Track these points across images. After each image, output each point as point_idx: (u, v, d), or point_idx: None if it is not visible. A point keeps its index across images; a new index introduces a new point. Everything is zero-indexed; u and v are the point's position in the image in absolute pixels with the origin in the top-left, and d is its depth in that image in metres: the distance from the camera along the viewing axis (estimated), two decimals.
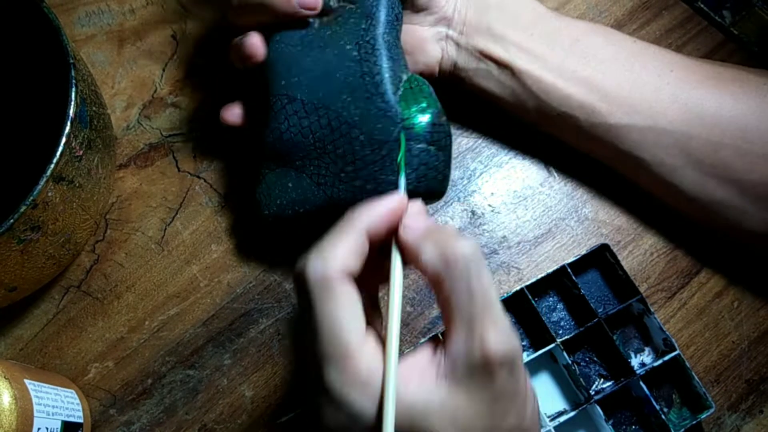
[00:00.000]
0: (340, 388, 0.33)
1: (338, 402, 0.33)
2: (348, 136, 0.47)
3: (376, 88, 0.47)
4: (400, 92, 0.47)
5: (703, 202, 0.51)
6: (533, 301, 0.52)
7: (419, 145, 0.46)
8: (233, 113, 0.53)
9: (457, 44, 0.52)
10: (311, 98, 0.49)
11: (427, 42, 0.53)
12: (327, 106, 0.48)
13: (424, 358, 0.35)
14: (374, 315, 0.39)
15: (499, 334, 0.33)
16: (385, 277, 0.38)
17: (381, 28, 0.48)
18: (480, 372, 0.33)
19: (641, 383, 0.50)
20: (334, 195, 0.48)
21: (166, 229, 0.57)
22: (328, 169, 0.49)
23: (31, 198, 0.41)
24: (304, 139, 0.49)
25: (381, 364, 0.33)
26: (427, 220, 0.38)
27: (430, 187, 0.47)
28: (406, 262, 0.37)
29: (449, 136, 0.47)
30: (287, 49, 0.50)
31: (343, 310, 0.34)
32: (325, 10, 0.49)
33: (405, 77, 0.48)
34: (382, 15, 0.48)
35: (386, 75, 0.47)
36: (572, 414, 0.49)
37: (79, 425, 0.49)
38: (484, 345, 0.33)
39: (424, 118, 0.46)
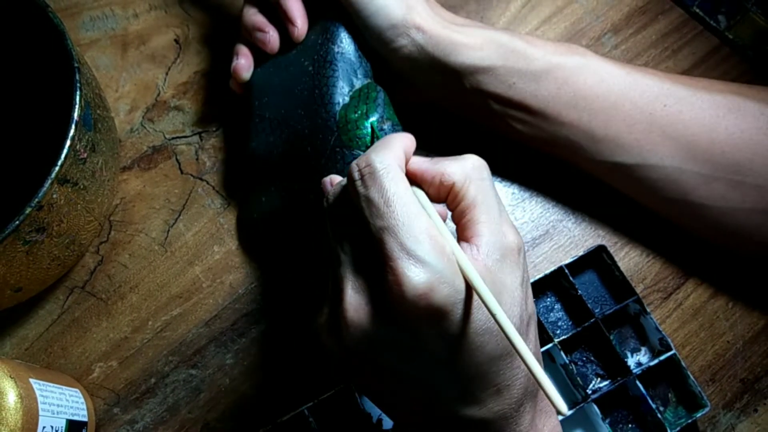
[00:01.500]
0: (425, 250, 0.33)
1: (424, 261, 0.33)
2: (301, 150, 0.49)
3: (321, 100, 0.48)
4: (345, 101, 0.47)
5: (696, 222, 0.52)
6: None
7: (354, 152, 0.46)
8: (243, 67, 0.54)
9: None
10: (276, 116, 0.51)
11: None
12: (287, 122, 0.50)
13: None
14: None
15: (513, 228, 0.38)
16: None
17: (336, 41, 0.49)
18: (509, 258, 0.36)
19: (638, 382, 0.50)
20: (297, 209, 0.49)
21: (169, 230, 0.57)
22: (291, 183, 0.50)
23: (37, 200, 0.41)
24: (270, 156, 0.51)
25: (446, 241, 0.35)
26: (424, 158, 0.40)
27: None
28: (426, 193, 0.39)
29: (389, 126, 0.47)
30: (263, 70, 0.52)
31: (411, 194, 0.36)
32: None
33: (358, 85, 0.48)
34: (338, 28, 0.49)
35: (331, 85, 0.48)
36: (570, 413, 0.49)
37: (83, 424, 0.49)
38: (507, 236, 0.37)
39: (362, 126, 0.46)
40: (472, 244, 0.36)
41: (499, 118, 0.53)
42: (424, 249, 0.33)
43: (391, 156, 0.37)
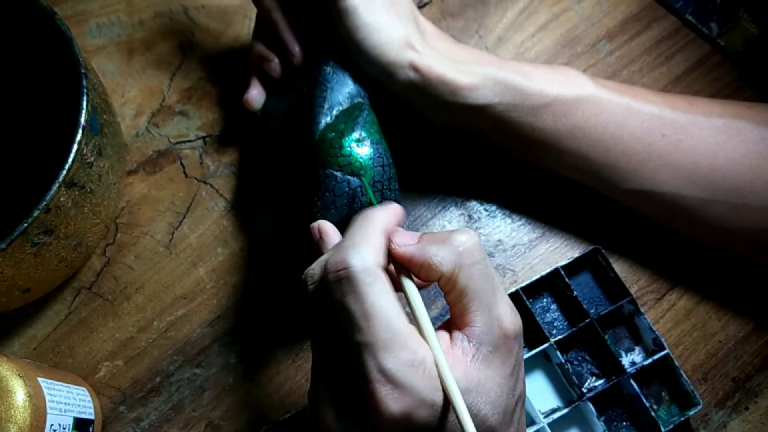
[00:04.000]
0: (403, 372, 0.32)
1: (402, 386, 0.32)
2: (296, 170, 0.48)
3: (308, 120, 0.47)
4: (329, 121, 0.46)
5: (697, 235, 0.52)
6: (528, 302, 0.52)
7: (328, 171, 0.44)
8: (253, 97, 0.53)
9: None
10: (281, 139, 0.51)
11: None
12: (288, 145, 0.49)
13: (446, 345, 0.36)
14: None
15: (510, 310, 0.36)
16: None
17: (329, 61, 0.48)
18: (502, 348, 0.35)
19: (632, 381, 0.50)
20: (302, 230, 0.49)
21: (173, 232, 0.57)
22: (294, 207, 0.50)
23: (44, 203, 0.41)
24: (279, 180, 0.52)
25: (429, 351, 0.34)
26: (412, 233, 0.38)
27: (338, 215, 0.45)
28: (412, 274, 0.38)
29: (370, 160, 0.45)
30: (271, 97, 0.53)
31: (392, 299, 0.34)
32: None
33: (346, 105, 0.47)
34: (333, 49, 0.49)
35: (318, 105, 0.47)
36: (565, 411, 0.49)
37: (90, 422, 0.49)
38: (502, 323, 0.35)
39: (336, 145, 0.44)
40: (464, 334, 0.35)
41: (498, 143, 0.53)
42: (403, 370, 0.32)
43: (371, 254, 0.35)
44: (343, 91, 0.48)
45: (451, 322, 0.37)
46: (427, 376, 0.33)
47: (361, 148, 0.45)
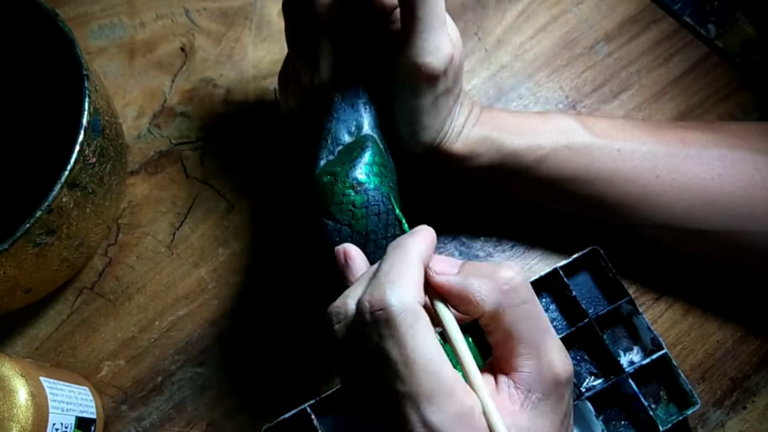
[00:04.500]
0: (450, 427, 0.29)
1: None
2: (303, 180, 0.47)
3: (311, 151, 0.46)
4: (330, 157, 0.45)
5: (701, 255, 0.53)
6: None
7: (320, 219, 0.43)
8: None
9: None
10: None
11: None
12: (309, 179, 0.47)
13: (490, 391, 0.33)
14: None
15: (561, 354, 0.33)
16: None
17: (338, 95, 0.46)
18: (553, 394, 0.32)
19: (630, 381, 0.50)
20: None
21: (175, 233, 0.57)
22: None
23: (47, 204, 0.41)
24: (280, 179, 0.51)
25: (476, 399, 0.31)
26: (452, 260, 0.36)
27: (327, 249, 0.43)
28: (452, 306, 0.35)
29: (363, 208, 0.43)
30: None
31: (435, 342, 0.31)
32: None
33: (349, 139, 0.45)
34: (342, 82, 0.47)
35: (322, 139, 0.45)
36: None
37: (92, 421, 0.49)
38: (552, 368, 0.32)
39: (329, 193, 0.43)
40: (511, 379, 0.33)
41: (495, 187, 0.54)
42: (450, 424, 0.29)
43: (410, 291, 0.32)
44: (349, 123, 0.46)
45: (495, 365, 0.34)
46: (475, 429, 0.30)
47: (354, 196, 0.42)
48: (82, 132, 0.43)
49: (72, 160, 0.43)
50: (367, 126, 0.46)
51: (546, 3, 0.64)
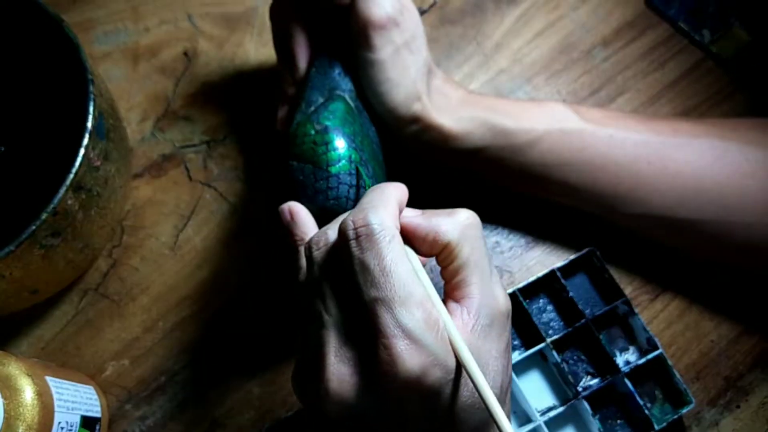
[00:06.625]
0: (421, 330, 0.31)
1: (419, 342, 0.31)
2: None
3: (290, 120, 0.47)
4: (307, 109, 0.46)
5: (689, 248, 0.53)
6: (524, 303, 0.52)
7: (288, 161, 0.44)
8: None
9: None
10: None
11: None
12: None
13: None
14: None
15: (503, 291, 0.36)
16: None
17: (316, 64, 0.48)
18: (497, 322, 0.35)
19: (626, 380, 0.50)
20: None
21: (178, 235, 0.57)
22: None
23: (52, 206, 0.42)
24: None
25: (440, 315, 0.33)
26: (415, 210, 0.38)
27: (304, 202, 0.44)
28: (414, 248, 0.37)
29: (324, 154, 0.43)
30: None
31: (408, 261, 0.33)
32: None
33: (321, 100, 0.46)
34: (319, 51, 0.49)
35: (299, 103, 0.47)
36: (561, 409, 0.50)
37: (97, 419, 0.49)
38: (497, 298, 0.35)
39: (293, 136, 0.44)
40: (462, 306, 0.35)
41: (490, 179, 0.54)
42: (420, 328, 0.32)
43: (390, 216, 0.35)
44: (323, 88, 0.47)
45: (447, 296, 0.36)
46: (440, 337, 0.32)
47: (315, 135, 0.44)
48: (87, 135, 0.43)
49: (77, 163, 0.43)
50: (339, 90, 0.47)
51: (544, 8, 0.64)
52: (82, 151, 0.43)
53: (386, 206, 0.35)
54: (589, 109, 0.52)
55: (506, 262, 0.56)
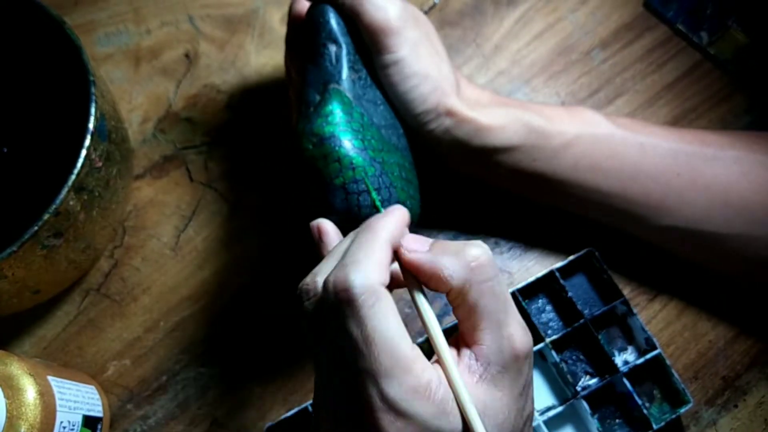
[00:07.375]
0: (407, 400, 0.30)
1: (405, 414, 0.30)
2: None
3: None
4: (306, 111, 0.44)
5: (715, 264, 0.53)
6: (524, 303, 0.52)
7: (298, 171, 0.43)
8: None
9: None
10: None
11: None
12: None
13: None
14: None
15: (521, 329, 0.34)
16: (394, 285, 0.37)
17: (309, 64, 0.46)
18: (511, 368, 0.33)
19: (624, 380, 0.50)
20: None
21: (179, 235, 0.57)
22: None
23: (54, 207, 0.42)
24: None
25: (436, 373, 0.32)
26: (423, 238, 0.36)
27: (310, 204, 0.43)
28: (421, 282, 0.35)
29: (324, 168, 0.42)
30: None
31: (395, 321, 0.31)
32: None
33: (318, 98, 0.45)
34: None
35: (299, 105, 0.45)
36: (560, 409, 0.50)
37: (98, 419, 0.49)
38: (512, 343, 0.33)
39: (300, 150, 0.43)
40: (472, 351, 0.33)
41: (518, 187, 0.53)
42: (407, 399, 0.30)
43: (374, 272, 0.32)
44: (317, 81, 0.45)
45: (460, 339, 0.35)
46: (431, 401, 0.31)
47: (313, 150, 0.42)
48: (88, 136, 0.44)
49: (79, 164, 0.43)
50: (333, 82, 0.45)
51: (543, 10, 0.64)
52: (83, 152, 0.43)
53: (372, 258, 0.33)
54: (618, 116, 0.51)
55: (506, 262, 0.56)
